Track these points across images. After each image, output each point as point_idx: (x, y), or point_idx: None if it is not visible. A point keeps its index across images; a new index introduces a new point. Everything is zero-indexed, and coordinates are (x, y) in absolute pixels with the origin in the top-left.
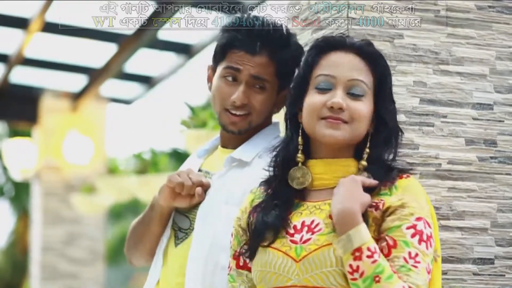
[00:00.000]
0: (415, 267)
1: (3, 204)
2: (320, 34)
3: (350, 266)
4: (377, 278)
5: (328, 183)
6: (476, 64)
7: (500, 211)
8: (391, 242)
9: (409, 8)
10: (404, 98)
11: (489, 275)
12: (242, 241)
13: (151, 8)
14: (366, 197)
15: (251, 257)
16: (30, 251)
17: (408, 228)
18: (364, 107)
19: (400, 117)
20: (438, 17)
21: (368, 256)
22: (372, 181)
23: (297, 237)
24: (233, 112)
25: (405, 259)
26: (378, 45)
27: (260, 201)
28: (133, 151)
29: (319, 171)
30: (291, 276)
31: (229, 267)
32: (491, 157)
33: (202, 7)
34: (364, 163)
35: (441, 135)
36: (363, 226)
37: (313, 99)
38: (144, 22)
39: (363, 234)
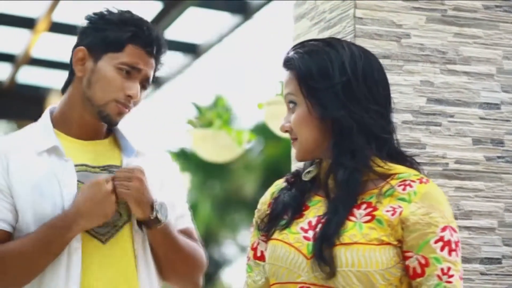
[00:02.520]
0: (450, 282)
1: None
2: (326, 33)
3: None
4: None
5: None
6: (483, 63)
7: (507, 211)
8: (423, 261)
9: (416, 8)
10: (411, 97)
11: (497, 274)
12: (260, 228)
13: (157, 8)
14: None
15: (268, 235)
16: None
17: (436, 241)
18: (296, 115)
19: (407, 117)
20: (445, 17)
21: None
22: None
23: (310, 233)
24: (124, 105)
25: (439, 277)
26: (385, 44)
27: (283, 190)
28: None
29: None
30: (301, 273)
31: (247, 257)
32: (498, 157)
33: (207, 7)
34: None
35: (448, 134)
36: None
37: None
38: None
39: None
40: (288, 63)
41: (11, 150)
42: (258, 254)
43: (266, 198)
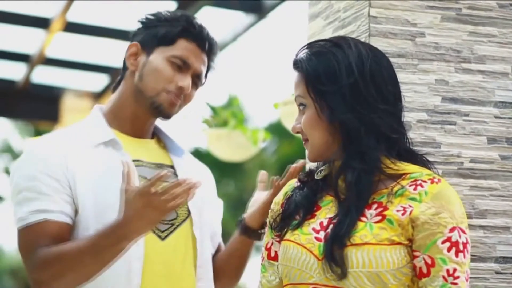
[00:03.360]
0: (455, 283)
1: None
2: (341, 33)
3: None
4: None
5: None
6: (498, 62)
7: None
8: (429, 261)
9: (430, 7)
10: (425, 96)
11: None
12: (273, 228)
13: (171, 7)
14: None
15: (280, 235)
16: None
17: (443, 242)
18: (306, 117)
19: (422, 116)
20: (459, 15)
21: None
22: None
23: (322, 234)
24: (175, 96)
25: (444, 278)
26: (400, 43)
27: (296, 189)
28: None
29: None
30: (313, 274)
31: (262, 257)
32: None
33: (222, 7)
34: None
35: (463, 133)
36: None
37: None
38: None
39: None
40: (296, 65)
41: (68, 143)
42: (272, 254)
43: (279, 198)
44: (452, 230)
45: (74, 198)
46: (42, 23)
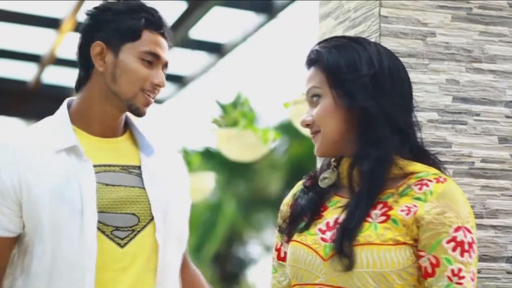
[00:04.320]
0: (460, 284)
1: None
2: (351, 32)
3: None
4: None
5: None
6: (509, 61)
7: None
8: (434, 261)
9: (441, 6)
10: (436, 96)
11: None
12: (281, 231)
13: (181, 7)
14: None
15: (288, 238)
16: None
17: (448, 242)
18: (321, 106)
19: (433, 115)
20: (470, 15)
21: None
22: None
23: (328, 234)
24: (150, 94)
25: (449, 278)
26: (410, 43)
27: (301, 193)
28: None
29: (345, 168)
30: (319, 274)
31: (272, 258)
32: None
33: (232, 6)
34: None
35: (474, 133)
36: None
37: None
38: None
39: None
40: (313, 58)
41: (28, 148)
42: (282, 255)
43: (288, 200)
44: (457, 229)
45: (26, 208)
46: (52, 23)
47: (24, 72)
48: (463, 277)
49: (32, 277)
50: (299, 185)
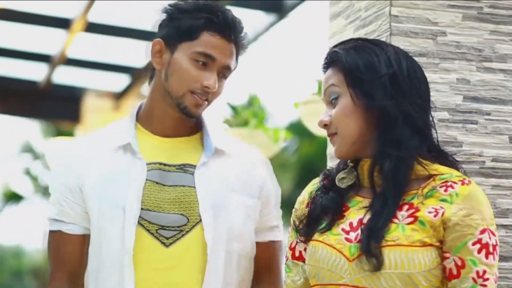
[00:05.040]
0: (484, 286)
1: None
2: (362, 32)
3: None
4: None
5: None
6: None
7: None
8: (459, 263)
9: (452, 6)
10: (447, 95)
11: None
12: (298, 231)
13: None
14: None
15: (306, 238)
16: None
17: (474, 244)
18: (339, 107)
19: (444, 115)
20: (481, 14)
21: None
22: None
23: (352, 235)
24: (201, 96)
25: (474, 279)
26: (421, 42)
27: (319, 192)
28: None
29: (366, 169)
30: (344, 275)
31: (286, 257)
32: None
33: (242, 6)
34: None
35: (484, 132)
36: None
37: None
38: None
39: None
40: (331, 59)
41: (89, 146)
42: (297, 254)
43: (304, 198)
44: (482, 232)
45: (86, 205)
46: (63, 23)
47: (35, 72)
48: (487, 279)
49: (87, 274)
50: (314, 183)
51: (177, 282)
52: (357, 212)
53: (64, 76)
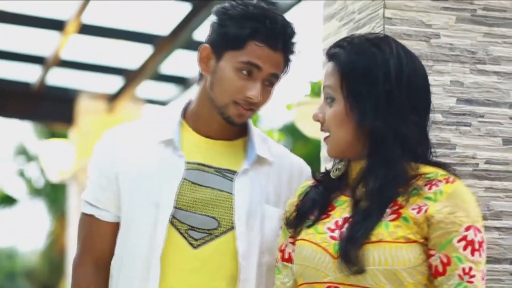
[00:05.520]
0: (471, 282)
1: (41, 205)
2: (356, 34)
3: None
4: None
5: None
6: None
7: None
8: (445, 260)
9: (445, 8)
10: (441, 98)
11: None
12: (289, 233)
13: (186, 9)
14: None
15: (295, 232)
16: (67, 252)
17: (459, 241)
18: (333, 111)
19: (437, 117)
20: (474, 16)
21: None
22: None
23: (337, 233)
24: (244, 106)
25: (460, 276)
26: (414, 44)
27: (309, 191)
28: None
29: (354, 173)
30: (329, 273)
31: (276, 259)
32: None
33: None
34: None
35: (478, 135)
36: None
37: None
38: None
39: None
40: (332, 55)
41: (128, 138)
42: (286, 256)
43: (293, 200)
44: (467, 229)
45: (119, 194)
46: (57, 25)
47: (29, 74)
48: (473, 276)
49: (113, 261)
50: (304, 186)
51: (201, 284)
52: (342, 211)
53: (58, 77)
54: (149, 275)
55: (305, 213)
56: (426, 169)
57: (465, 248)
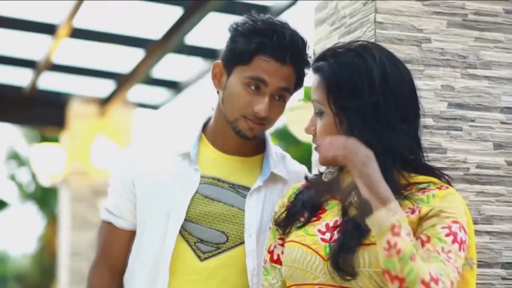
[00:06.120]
0: (448, 261)
1: (32, 209)
2: (347, 38)
3: (388, 242)
4: (413, 257)
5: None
6: (504, 67)
7: None
8: (425, 238)
9: (436, 12)
10: (432, 102)
11: None
12: (277, 224)
13: (177, 13)
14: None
15: (284, 233)
16: (58, 256)
17: (443, 228)
18: (322, 125)
19: (428, 121)
20: (465, 21)
21: (407, 234)
22: None
23: (327, 235)
24: (254, 120)
25: (438, 252)
26: (406, 49)
27: (299, 193)
28: None
29: (348, 177)
30: (319, 274)
31: (264, 260)
32: None
33: (229, 12)
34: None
35: (469, 139)
36: (398, 204)
37: None
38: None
39: (401, 212)
40: (317, 69)
41: (148, 149)
42: (275, 257)
43: (283, 202)
44: (454, 222)
45: (136, 203)
46: (48, 29)
47: (20, 78)
48: (450, 258)
49: (124, 278)
50: (294, 187)
51: None
52: (333, 215)
53: (50, 81)
54: (156, 284)
55: (295, 214)
56: (419, 178)
57: (447, 235)
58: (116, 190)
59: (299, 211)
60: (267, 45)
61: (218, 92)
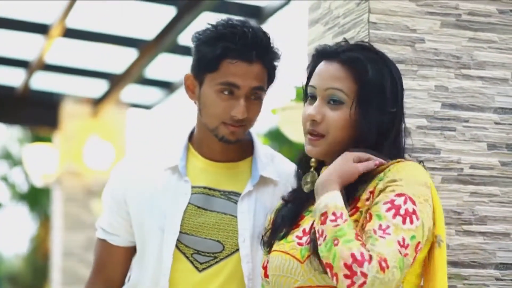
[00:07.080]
0: (382, 237)
1: (25, 209)
2: (340, 39)
3: (317, 231)
4: (335, 241)
5: None
6: (498, 68)
7: None
8: (368, 218)
9: (430, 13)
10: (425, 102)
11: None
12: (263, 242)
13: (171, 13)
14: (351, 168)
15: (268, 248)
16: (51, 257)
17: (385, 203)
18: (339, 116)
19: (422, 122)
20: (459, 21)
21: (331, 220)
22: (366, 155)
23: (304, 239)
24: (234, 124)
25: (374, 230)
26: (399, 49)
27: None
28: None
29: None
30: (298, 277)
31: (261, 276)
32: None
33: (222, 12)
34: None
35: (463, 139)
36: (333, 193)
37: (303, 110)
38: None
39: (329, 200)
40: (348, 59)
41: (138, 165)
42: (268, 272)
43: (270, 216)
44: (399, 195)
45: (130, 220)
46: (41, 29)
47: (13, 78)
48: (388, 234)
49: (131, 280)
50: (280, 202)
51: None
52: (310, 219)
53: (42, 81)
54: None
55: (277, 229)
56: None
57: (388, 210)
58: (109, 208)
59: (279, 227)
60: (231, 48)
61: (195, 102)
